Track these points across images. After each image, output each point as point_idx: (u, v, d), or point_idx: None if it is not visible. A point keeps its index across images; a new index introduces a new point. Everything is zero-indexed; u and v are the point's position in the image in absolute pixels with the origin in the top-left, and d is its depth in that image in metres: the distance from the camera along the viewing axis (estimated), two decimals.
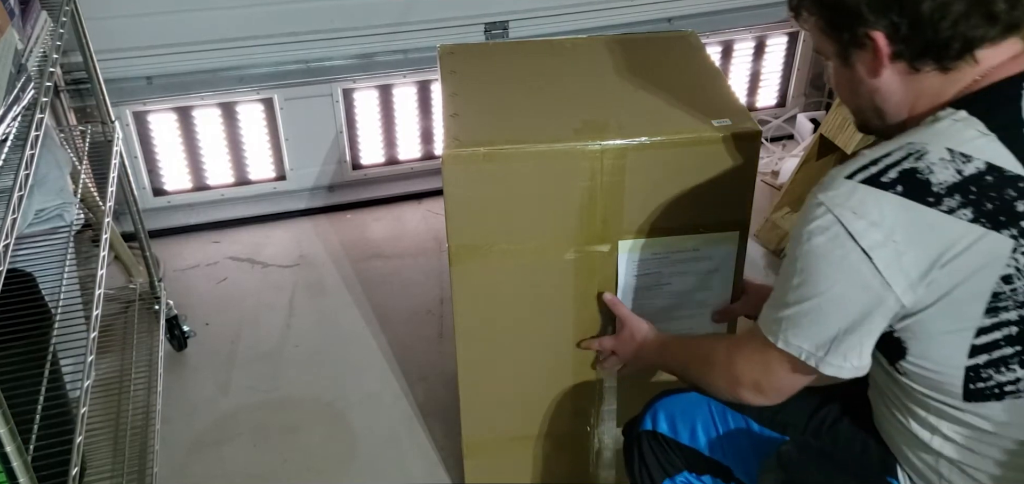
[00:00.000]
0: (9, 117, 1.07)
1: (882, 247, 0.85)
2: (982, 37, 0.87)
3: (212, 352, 2.06)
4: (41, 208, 1.47)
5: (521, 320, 1.42)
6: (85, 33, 1.64)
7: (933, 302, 0.86)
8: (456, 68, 1.49)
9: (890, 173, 0.86)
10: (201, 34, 2.20)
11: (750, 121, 1.29)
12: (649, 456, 1.19)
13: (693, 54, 1.54)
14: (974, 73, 0.89)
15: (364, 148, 2.53)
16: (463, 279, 1.37)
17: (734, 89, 1.40)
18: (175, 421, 1.87)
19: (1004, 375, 0.88)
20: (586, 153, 1.26)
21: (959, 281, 0.85)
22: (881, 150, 0.89)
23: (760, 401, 1.04)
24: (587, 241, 1.34)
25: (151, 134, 2.34)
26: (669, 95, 1.38)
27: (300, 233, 2.49)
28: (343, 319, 2.16)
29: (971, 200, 0.83)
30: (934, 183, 0.84)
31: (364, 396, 1.94)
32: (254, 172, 2.49)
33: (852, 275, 0.87)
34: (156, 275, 1.99)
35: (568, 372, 1.49)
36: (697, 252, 1.36)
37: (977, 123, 0.86)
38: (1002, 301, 0.85)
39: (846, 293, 0.88)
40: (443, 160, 1.26)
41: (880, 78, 0.93)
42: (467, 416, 1.54)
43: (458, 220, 1.31)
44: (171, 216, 2.46)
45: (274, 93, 2.34)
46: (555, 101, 1.39)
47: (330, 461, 1.79)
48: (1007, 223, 0.83)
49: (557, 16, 2.40)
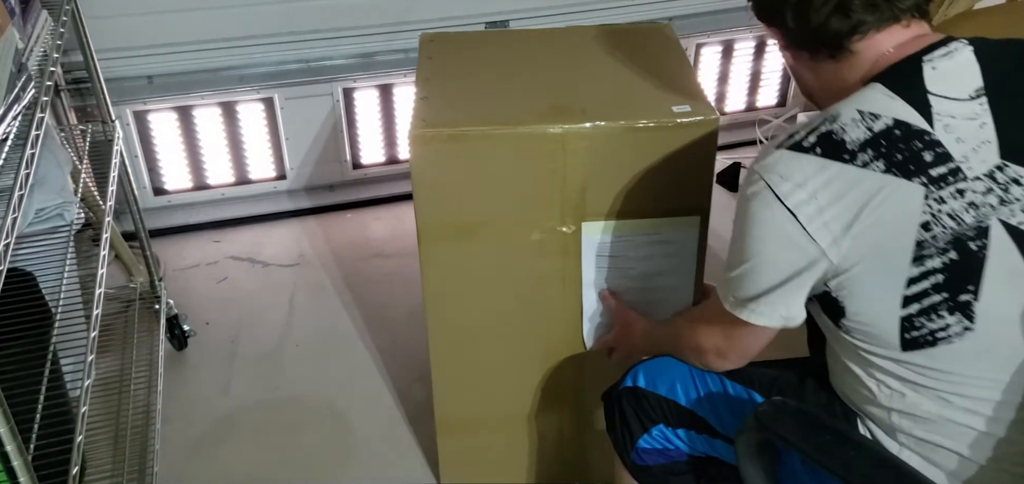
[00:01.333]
0: (9, 116, 1.07)
1: (806, 205, 0.92)
2: (842, 30, 0.98)
3: (212, 351, 2.06)
4: (41, 207, 1.47)
5: (489, 300, 1.46)
6: (85, 32, 1.64)
7: (862, 258, 0.92)
8: (433, 54, 1.53)
9: (809, 138, 0.95)
10: (201, 33, 2.21)
11: (710, 109, 1.32)
12: (628, 411, 1.24)
13: (665, 45, 1.57)
14: (867, 59, 0.99)
15: (364, 147, 2.53)
16: (432, 259, 1.40)
17: (700, 79, 1.43)
18: (175, 420, 1.87)
19: (935, 322, 0.93)
20: (549, 136, 1.29)
21: (882, 233, 0.91)
22: (804, 124, 0.98)
23: (725, 365, 1.13)
24: (552, 223, 1.37)
25: (151, 133, 2.34)
26: (635, 83, 1.42)
27: (300, 232, 2.49)
28: (343, 318, 2.17)
29: (882, 153, 0.91)
30: (848, 141, 0.92)
31: (364, 395, 1.94)
32: (254, 171, 2.49)
33: (781, 234, 0.94)
34: (156, 274, 1.99)
35: (537, 352, 1.52)
36: (659, 236, 1.39)
37: (883, 88, 0.95)
38: (925, 249, 0.91)
39: (777, 252, 0.96)
40: (409, 140, 1.29)
41: (797, 67, 1.08)
42: (439, 395, 1.58)
43: (425, 200, 1.34)
44: (171, 215, 2.46)
45: (274, 92, 2.34)
46: (524, 87, 1.42)
47: (330, 460, 1.79)
48: (916, 172, 0.90)
49: (557, 15, 2.40)
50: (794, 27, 1.01)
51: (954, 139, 0.92)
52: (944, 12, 2.02)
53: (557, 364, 1.53)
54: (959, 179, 0.91)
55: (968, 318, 0.92)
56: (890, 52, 0.98)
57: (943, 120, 0.92)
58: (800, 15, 0.99)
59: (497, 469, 1.70)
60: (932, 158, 0.91)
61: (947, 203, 0.90)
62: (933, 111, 0.92)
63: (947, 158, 0.91)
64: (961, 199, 0.90)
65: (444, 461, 1.67)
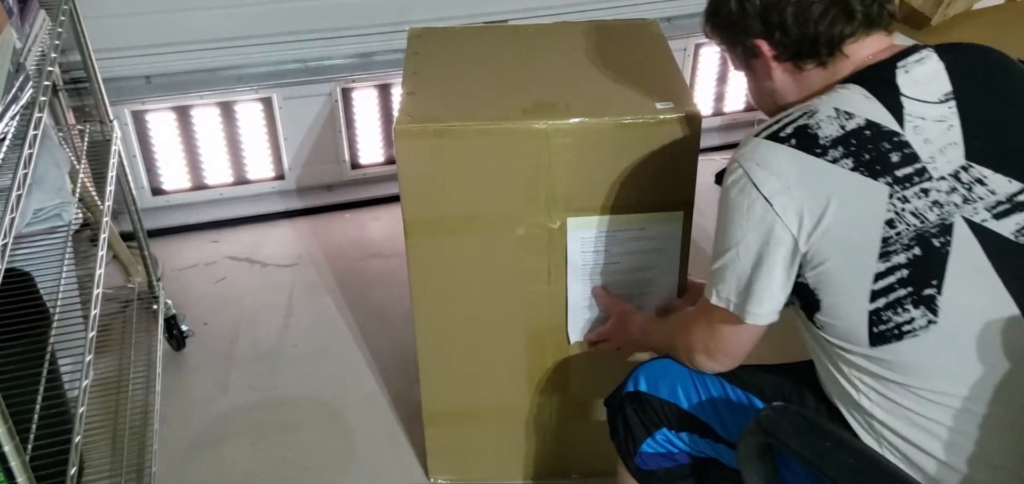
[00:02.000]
0: (7, 116, 1.07)
1: (780, 194, 0.96)
2: (844, 33, 1.02)
3: (210, 351, 2.06)
4: (39, 207, 1.47)
5: (475, 294, 1.47)
6: (84, 32, 1.64)
7: (832, 252, 0.96)
8: (420, 50, 1.54)
9: (787, 129, 0.99)
10: (200, 33, 2.20)
11: (693, 105, 1.33)
12: (632, 417, 1.24)
13: (651, 42, 1.58)
14: (850, 64, 1.03)
15: (363, 147, 2.52)
16: (418, 253, 1.42)
17: (684, 75, 1.45)
18: (173, 420, 1.87)
19: (901, 316, 0.96)
20: (533, 132, 1.31)
21: (849, 228, 0.95)
22: (784, 113, 1.02)
23: (713, 366, 1.14)
24: (537, 218, 1.39)
25: (150, 133, 2.33)
26: (620, 79, 1.43)
27: (299, 233, 2.49)
28: (341, 318, 2.16)
29: (852, 151, 0.96)
30: (821, 136, 0.97)
31: (362, 395, 1.94)
32: (253, 171, 2.49)
33: (757, 221, 0.98)
34: (154, 274, 1.99)
35: (523, 345, 1.54)
36: (644, 231, 1.40)
37: (862, 89, 1.00)
38: (891, 245, 0.95)
39: (754, 239, 0.99)
40: (395, 135, 1.31)
41: (774, 79, 1.09)
42: (426, 388, 1.60)
43: (411, 195, 1.37)
44: (169, 215, 2.46)
45: (273, 92, 2.34)
46: (510, 82, 1.44)
47: (328, 460, 1.79)
48: (882, 172, 0.95)
49: (556, 14, 2.40)
50: (793, 31, 1.03)
51: (922, 140, 0.97)
52: (943, 12, 2.02)
53: (543, 358, 1.56)
54: (925, 179, 0.96)
55: (932, 311, 0.95)
56: (869, 57, 1.03)
57: (913, 121, 0.97)
58: (800, 19, 1.02)
59: (483, 461, 1.72)
60: (899, 159, 0.96)
61: (911, 202, 0.95)
62: (905, 112, 0.97)
63: (914, 159, 0.96)
64: (925, 198, 0.95)
65: (432, 453, 1.70)
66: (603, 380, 1.41)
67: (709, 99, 2.78)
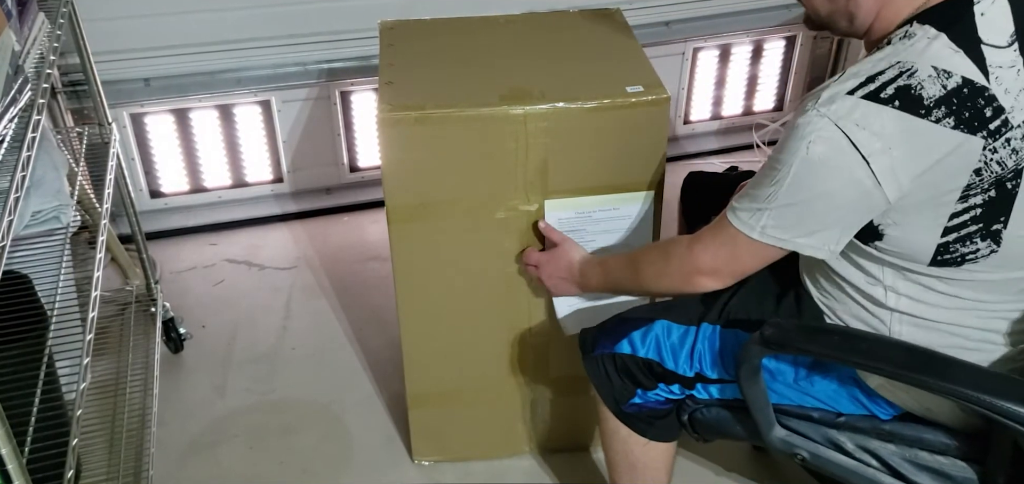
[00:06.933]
0: (6, 119, 1.07)
1: (881, 155, 0.97)
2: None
3: (208, 354, 2.06)
4: (38, 210, 1.47)
5: (456, 278, 1.52)
6: (82, 34, 1.64)
7: (916, 202, 0.99)
8: (394, 42, 1.57)
9: (888, 89, 0.97)
10: (199, 36, 2.20)
11: (660, 88, 1.38)
12: (614, 375, 1.31)
13: (616, 30, 1.63)
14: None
15: (361, 151, 2.53)
16: (401, 238, 1.46)
17: (649, 60, 1.49)
18: (171, 423, 1.87)
19: (968, 247, 1.02)
20: (510, 117, 1.35)
21: (941, 178, 0.98)
22: (873, 69, 0.99)
23: (713, 285, 1.16)
24: (516, 201, 1.43)
25: (148, 136, 2.33)
26: (590, 65, 1.49)
27: (297, 235, 2.49)
28: (340, 321, 2.16)
29: (953, 111, 0.96)
30: (925, 97, 0.96)
31: (360, 398, 1.94)
32: (251, 174, 2.49)
33: (850, 178, 0.98)
34: (153, 277, 1.99)
35: (504, 326, 1.59)
36: (617, 211, 1.45)
37: (946, 40, 0.98)
38: (973, 190, 0.99)
39: (840, 193, 1.00)
40: (377, 123, 1.34)
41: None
42: (410, 371, 1.63)
43: (393, 181, 1.40)
44: (168, 218, 2.46)
45: (272, 95, 2.34)
46: (485, 71, 1.47)
47: (326, 463, 1.78)
48: (979, 127, 0.97)
49: None
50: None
51: (1003, 91, 0.99)
52: None
53: (524, 337, 1.60)
54: (1008, 129, 0.98)
55: (996, 242, 1.02)
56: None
57: (995, 73, 0.98)
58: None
59: (466, 441, 1.76)
60: (991, 113, 0.98)
61: (998, 152, 0.98)
62: (987, 64, 0.98)
63: (1000, 111, 0.98)
64: (1007, 147, 0.99)
65: (416, 435, 1.73)
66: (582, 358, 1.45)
67: (707, 103, 2.79)
